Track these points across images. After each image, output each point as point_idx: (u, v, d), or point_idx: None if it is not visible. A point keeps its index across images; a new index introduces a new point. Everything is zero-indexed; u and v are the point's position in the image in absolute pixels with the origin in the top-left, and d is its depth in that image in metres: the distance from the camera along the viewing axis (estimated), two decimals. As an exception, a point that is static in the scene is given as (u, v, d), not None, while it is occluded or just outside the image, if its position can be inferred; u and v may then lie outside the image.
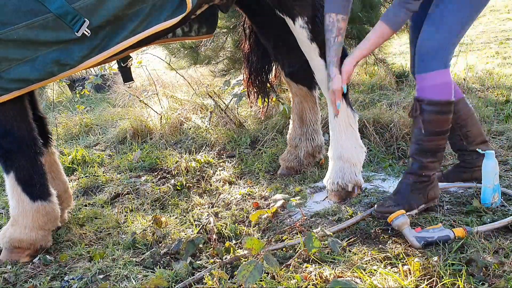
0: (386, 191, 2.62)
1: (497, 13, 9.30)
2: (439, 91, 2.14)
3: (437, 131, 2.18)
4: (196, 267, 2.04)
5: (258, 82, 3.09)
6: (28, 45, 1.99)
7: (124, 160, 3.68)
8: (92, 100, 6.63)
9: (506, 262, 1.75)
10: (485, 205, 2.24)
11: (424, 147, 2.21)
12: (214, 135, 3.90)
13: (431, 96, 2.14)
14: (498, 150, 2.95)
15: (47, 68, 2.04)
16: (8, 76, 2.02)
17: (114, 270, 2.10)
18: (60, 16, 1.96)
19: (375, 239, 2.11)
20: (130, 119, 4.49)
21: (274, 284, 1.79)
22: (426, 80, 2.14)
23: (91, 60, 2.10)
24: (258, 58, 2.92)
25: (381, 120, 3.36)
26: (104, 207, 2.92)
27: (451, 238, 1.96)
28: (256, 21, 2.85)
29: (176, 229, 2.48)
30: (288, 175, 3.03)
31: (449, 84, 2.15)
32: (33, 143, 2.27)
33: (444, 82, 2.13)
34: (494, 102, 3.99)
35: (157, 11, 2.10)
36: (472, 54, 6.08)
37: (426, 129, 2.17)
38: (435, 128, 2.18)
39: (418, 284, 1.70)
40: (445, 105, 2.15)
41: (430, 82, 2.13)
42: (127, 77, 2.52)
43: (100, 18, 2.01)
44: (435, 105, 2.14)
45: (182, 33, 2.64)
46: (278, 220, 2.46)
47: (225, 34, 4.35)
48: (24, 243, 2.27)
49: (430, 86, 2.14)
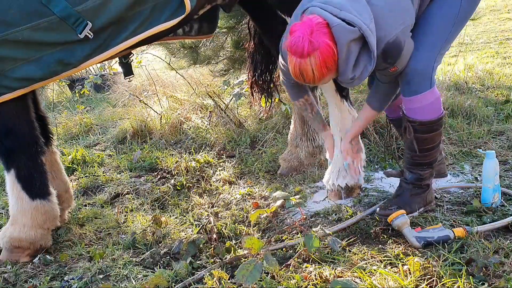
0: (386, 191, 2.62)
1: (497, 13, 9.29)
2: (429, 111, 2.10)
3: (431, 146, 2.17)
4: (196, 267, 2.04)
5: (261, 81, 3.09)
6: (32, 46, 2.03)
7: (124, 160, 3.68)
8: (92, 100, 6.63)
9: (506, 262, 1.75)
10: (485, 205, 2.24)
11: (420, 162, 2.21)
12: (214, 135, 3.90)
13: (422, 117, 2.10)
14: (498, 150, 2.95)
15: (51, 67, 2.08)
16: (13, 75, 2.06)
17: (114, 270, 2.10)
18: (63, 18, 1.99)
19: (375, 239, 2.11)
20: (130, 119, 4.49)
21: (274, 284, 1.79)
22: (415, 103, 2.09)
23: (93, 59, 2.14)
24: (262, 57, 2.93)
25: (381, 120, 3.36)
26: (104, 207, 2.92)
27: (451, 238, 1.96)
28: (258, 21, 2.85)
29: (176, 229, 2.48)
30: (288, 175, 3.03)
31: (438, 101, 2.11)
32: (34, 142, 2.29)
33: (433, 101, 2.09)
34: (494, 102, 3.99)
35: (157, 13, 2.13)
36: (472, 54, 6.08)
37: (421, 147, 2.16)
38: (429, 145, 2.17)
39: (418, 284, 1.70)
40: (436, 122, 2.13)
41: (419, 104, 2.09)
42: (128, 72, 2.59)
43: (103, 20, 2.05)
44: (427, 124, 2.12)
45: (183, 32, 2.66)
46: (278, 220, 2.46)
47: (225, 34, 4.34)
48: (24, 242, 2.27)
49: (419, 108, 2.09)
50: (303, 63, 1.83)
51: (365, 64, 1.93)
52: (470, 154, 3.00)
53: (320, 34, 1.82)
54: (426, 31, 2.07)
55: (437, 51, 2.07)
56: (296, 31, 1.84)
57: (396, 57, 1.98)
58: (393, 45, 1.94)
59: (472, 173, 2.72)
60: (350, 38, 1.85)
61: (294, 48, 1.83)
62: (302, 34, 1.81)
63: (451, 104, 3.69)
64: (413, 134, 2.14)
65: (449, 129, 3.34)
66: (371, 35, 1.87)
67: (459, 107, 3.66)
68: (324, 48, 1.82)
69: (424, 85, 2.06)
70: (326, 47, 1.82)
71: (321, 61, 1.83)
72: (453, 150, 3.02)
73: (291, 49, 1.85)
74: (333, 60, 1.86)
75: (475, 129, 3.30)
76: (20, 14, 1.97)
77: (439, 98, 2.12)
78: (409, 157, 2.23)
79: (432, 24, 2.07)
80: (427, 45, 2.05)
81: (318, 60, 1.82)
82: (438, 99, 2.11)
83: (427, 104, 2.08)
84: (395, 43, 1.94)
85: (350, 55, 1.89)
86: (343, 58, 1.89)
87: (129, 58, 2.49)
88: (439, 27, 2.07)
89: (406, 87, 2.09)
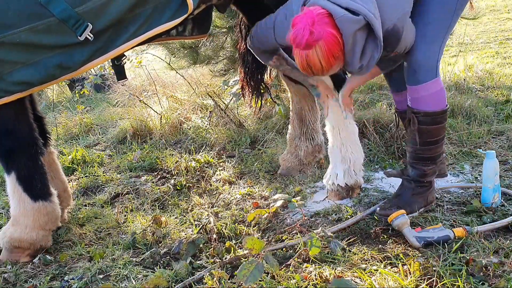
0: (386, 191, 2.62)
1: (497, 13, 9.29)
2: (433, 101, 2.11)
3: (435, 140, 2.17)
4: (196, 267, 2.04)
5: (253, 82, 3.09)
6: (31, 49, 1.99)
7: (124, 160, 3.68)
8: (92, 100, 6.63)
9: (506, 262, 1.75)
10: (485, 205, 2.25)
11: (423, 156, 2.21)
12: (214, 135, 3.90)
13: (426, 108, 2.11)
14: (498, 150, 2.95)
15: (49, 71, 2.05)
16: (11, 79, 2.02)
17: (114, 270, 2.10)
18: (63, 20, 1.96)
19: (375, 239, 2.11)
20: (130, 119, 4.49)
21: (274, 284, 1.79)
22: (420, 92, 2.10)
23: (92, 62, 2.11)
24: (253, 58, 2.92)
25: (381, 120, 3.36)
26: (104, 207, 2.92)
27: (451, 238, 1.96)
28: (253, 21, 2.84)
29: (176, 229, 2.48)
30: (288, 175, 3.03)
31: (442, 92, 2.13)
32: (34, 143, 2.28)
33: (437, 91, 2.10)
34: (494, 102, 3.99)
35: (158, 13, 2.10)
36: (472, 54, 6.08)
37: (423, 139, 2.16)
38: (433, 138, 2.17)
39: (418, 284, 1.70)
40: (440, 114, 2.13)
41: (424, 93, 2.10)
42: (121, 75, 2.50)
43: (103, 22, 2.02)
44: (431, 116, 2.12)
45: (176, 33, 2.64)
46: (278, 220, 2.46)
47: (224, 34, 4.34)
48: (24, 242, 2.27)
49: (425, 97, 2.10)
50: (309, 55, 1.83)
51: (372, 52, 1.93)
52: (470, 154, 3.00)
53: (322, 24, 1.82)
54: (427, 20, 2.06)
55: (440, 39, 2.08)
56: (298, 24, 1.84)
57: (394, 44, 1.99)
58: (392, 33, 1.94)
59: (472, 173, 2.72)
60: (355, 29, 1.85)
61: (297, 40, 1.83)
62: (304, 26, 1.81)
63: (451, 104, 3.69)
64: (417, 125, 2.14)
65: (449, 129, 3.34)
66: (376, 23, 1.86)
67: (459, 107, 3.66)
68: (328, 38, 1.81)
69: (429, 75, 2.07)
70: (330, 37, 1.82)
71: (326, 50, 1.82)
72: (453, 150, 3.02)
73: (294, 41, 1.84)
74: (339, 49, 1.86)
75: (475, 129, 3.30)
76: (18, 15, 1.93)
77: (443, 89, 2.14)
78: (411, 151, 2.23)
79: (433, 12, 2.06)
80: (430, 34, 2.06)
81: (324, 50, 1.82)
82: (442, 90, 2.13)
83: (432, 93, 2.10)
84: (394, 31, 1.94)
85: (356, 45, 1.89)
86: (349, 49, 1.88)
87: (121, 60, 2.44)
88: (440, 14, 2.07)
89: (411, 77, 2.11)
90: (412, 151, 2.22)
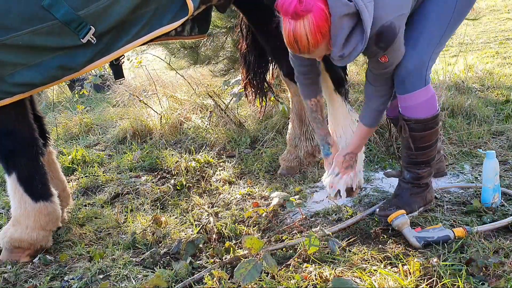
0: (385, 191, 2.62)
1: (497, 13, 9.29)
2: (423, 109, 2.09)
3: (427, 145, 2.17)
4: (196, 267, 2.04)
5: (255, 82, 3.09)
6: (33, 51, 1.99)
7: (124, 160, 3.68)
8: (92, 100, 6.63)
9: (506, 262, 1.75)
10: (485, 205, 2.25)
11: (417, 160, 2.20)
12: (214, 135, 3.90)
13: (417, 115, 2.09)
14: (498, 150, 2.95)
15: (51, 72, 2.05)
16: (12, 80, 2.02)
17: (114, 270, 2.10)
18: (65, 23, 1.96)
19: (375, 239, 2.11)
20: (130, 119, 4.49)
21: (274, 284, 1.79)
22: (409, 101, 2.08)
23: (94, 63, 2.11)
24: (255, 58, 2.92)
25: (381, 120, 3.35)
26: (104, 207, 2.92)
27: (451, 238, 1.96)
28: (254, 21, 2.84)
29: (176, 229, 2.48)
30: (288, 175, 3.03)
31: (432, 99, 2.10)
32: (34, 143, 2.28)
33: (427, 99, 2.08)
34: (494, 102, 3.99)
35: (160, 15, 2.11)
36: (472, 54, 6.08)
37: (417, 145, 2.15)
38: (425, 143, 2.16)
39: (418, 284, 1.70)
40: (431, 120, 2.12)
41: (413, 102, 2.07)
42: (118, 74, 2.51)
43: (106, 24, 2.02)
44: (422, 122, 2.11)
45: (175, 33, 2.64)
46: (278, 220, 2.46)
47: (225, 34, 4.34)
48: (25, 243, 2.27)
49: (414, 106, 2.08)
50: (296, 28, 1.77)
51: (356, 43, 1.86)
52: (470, 154, 2.99)
53: None
54: (420, 29, 2.04)
55: (431, 50, 2.05)
56: None
57: (389, 42, 1.92)
58: (388, 29, 1.88)
59: (472, 173, 2.72)
60: (343, 12, 1.79)
61: (285, 7, 1.76)
62: None
63: (451, 104, 3.69)
64: (409, 132, 2.13)
65: (449, 129, 3.34)
66: (366, 14, 1.80)
67: (459, 107, 3.66)
68: (317, 12, 1.76)
69: (418, 83, 2.04)
70: (319, 11, 1.76)
71: (315, 25, 1.76)
72: (453, 150, 3.02)
73: (282, 7, 1.77)
74: (327, 25, 1.80)
75: (475, 129, 3.29)
76: (21, 18, 1.92)
77: (433, 96, 2.11)
78: (406, 155, 2.23)
79: (427, 21, 2.04)
80: (422, 43, 2.03)
81: (311, 24, 1.76)
82: (432, 97, 2.10)
83: (421, 102, 2.07)
84: (390, 27, 1.89)
85: (341, 30, 1.83)
86: (334, 33, 1.83)
87: (119, 60, 2.44)
88: (434, 24, 2.04)
89: (401, 86, 2.08)
90: (406, 155, 2.22)
